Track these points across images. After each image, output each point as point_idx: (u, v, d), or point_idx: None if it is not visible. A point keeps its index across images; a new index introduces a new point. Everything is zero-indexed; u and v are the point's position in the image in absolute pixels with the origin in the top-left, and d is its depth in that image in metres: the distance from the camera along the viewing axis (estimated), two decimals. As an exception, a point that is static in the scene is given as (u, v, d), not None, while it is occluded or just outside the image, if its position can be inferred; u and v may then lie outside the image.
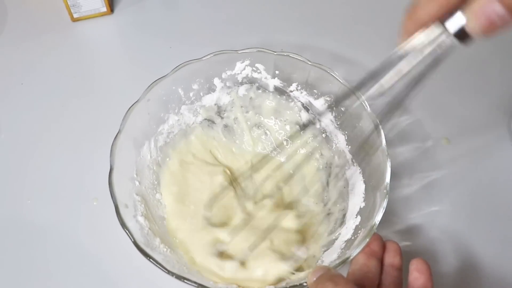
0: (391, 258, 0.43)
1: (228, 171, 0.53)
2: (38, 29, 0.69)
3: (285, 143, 0.56)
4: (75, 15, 0.68)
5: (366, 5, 0.71)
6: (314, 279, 0.37)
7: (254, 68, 0.53)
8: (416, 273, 0.40)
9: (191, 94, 0.53)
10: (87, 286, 0.49)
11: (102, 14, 0.69)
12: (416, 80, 0.34)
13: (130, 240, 0.41)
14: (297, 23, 0.70)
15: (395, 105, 0.37)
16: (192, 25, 0.70)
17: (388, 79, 0.35)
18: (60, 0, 0.66)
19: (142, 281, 0.48)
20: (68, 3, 0.66)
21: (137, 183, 0.48)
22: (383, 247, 0.43)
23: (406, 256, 0.43)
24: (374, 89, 0.36)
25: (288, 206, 0.51)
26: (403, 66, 0.34)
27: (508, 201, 0.54)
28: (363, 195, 0.47)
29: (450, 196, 0.54)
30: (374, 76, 0.36)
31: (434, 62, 0.33)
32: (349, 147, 0.51)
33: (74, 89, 0.63)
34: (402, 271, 0.42)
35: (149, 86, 0.49)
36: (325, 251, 0.46)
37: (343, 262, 0.40)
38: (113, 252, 0.50)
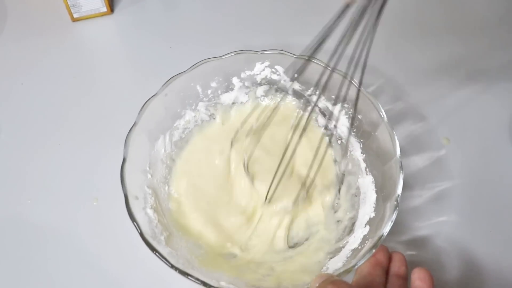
0: (397, 268, 0.42)
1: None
2: (38, 29, 0.69)
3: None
4: (75, 15, 0.68)
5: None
6: (317, 285, 0.37)
7: (273, 70, 0.53)
8: (419, 282, 0.39)
9: (209, 92, 0.53)
10: (87, 286, 0.49)
11: (102, 14, 0.69)
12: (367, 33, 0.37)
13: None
14: (302, 25, 0.69)
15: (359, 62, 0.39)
16: (192, 25, 0.70)
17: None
18: (60, 0, 0.66)
19: (142, 281, 0.49)
20: (68, 3, 0.66)
21: (149, 176, 0.48)
22: (389, 257, 0.43)
23: (412, 266, 0.42)
24: None
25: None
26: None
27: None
28: (374, 205, 0.46)
29: (457, 206, 0.53)
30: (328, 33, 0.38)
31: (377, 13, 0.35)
32: (364, 155, 0.50)
33: (74, 89, 0.63)
34: (407, 280, 0.42)
35: (167, 80, 0.49)
36: (331, 258, 0.46)
37: (348, 271, 0.40)
38: (113, 252, 0.50)
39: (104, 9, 0.69)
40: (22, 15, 0.71)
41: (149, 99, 0.48)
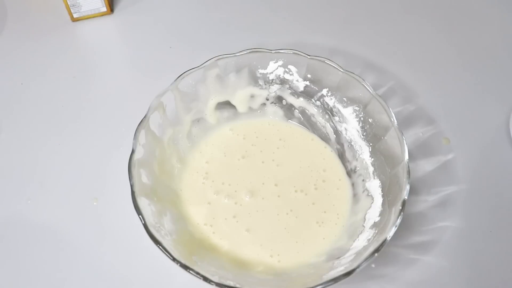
0: None
1: None
2: (38, 29, 0.69)
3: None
4: (75, 15, 0.68)
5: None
6: None
7: (286, 69, 0.53)
8: None
9: (221, 88, 0.54)
10: (87, 286, 0.48)
11: (102, 14, 0.69)
12: None
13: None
14: (307, 24, 0.69)
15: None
16: (192, 25, 0.69)
17: None
18: (60, 0, 0.66)
19: (142, 280, 0.49)
20: (68, 3, 0.66)
21: (157, 170, 0.48)
22: None
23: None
24: None
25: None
26: None
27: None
28: (380, 209, 0.46)
29: (462, 211, 0.52)
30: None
31: None
32: (372, 159, 0.50)
33: (74, 89, 0.63)
34: None
35: (180, 75, 0.49)
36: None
37: (349, 273, 0.40)
38: (113, 252, 0.50)
39: (104, 9, 0.69)
40: (22, 15, 0.71)
41: (161, 93, 0.48)
